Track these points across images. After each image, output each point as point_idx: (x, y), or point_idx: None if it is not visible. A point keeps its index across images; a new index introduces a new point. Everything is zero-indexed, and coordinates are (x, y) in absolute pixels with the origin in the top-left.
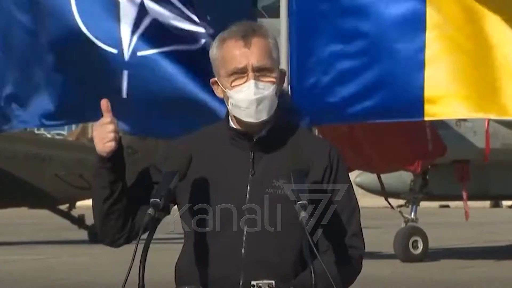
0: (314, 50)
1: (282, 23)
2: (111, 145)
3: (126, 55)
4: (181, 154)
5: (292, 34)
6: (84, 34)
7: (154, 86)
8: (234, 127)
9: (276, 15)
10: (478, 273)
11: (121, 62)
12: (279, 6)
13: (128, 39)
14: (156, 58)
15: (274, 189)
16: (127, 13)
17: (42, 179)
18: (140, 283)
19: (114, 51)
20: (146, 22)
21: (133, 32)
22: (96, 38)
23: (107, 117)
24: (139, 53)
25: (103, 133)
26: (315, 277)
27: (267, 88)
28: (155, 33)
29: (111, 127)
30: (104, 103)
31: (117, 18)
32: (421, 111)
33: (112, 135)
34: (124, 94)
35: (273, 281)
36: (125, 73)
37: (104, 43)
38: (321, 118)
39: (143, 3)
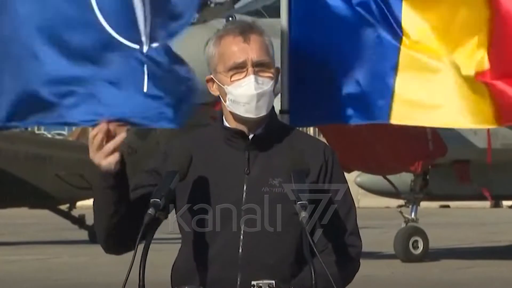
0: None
1: (282, 23)
2: (115, 156)
3: (145, 49)
4: (181, 154)
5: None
6: (107, 32)
7: (169, 74)
8: (229, 126)
9: (276, 15)
10: (478, 273)
11: (141, 58)
12: (279, 6)
13: (144, 31)
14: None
15: (270, 188)
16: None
17: (42, 179)
18: (140, 283)
19: (136, 46)
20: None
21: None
22: (118, 33)
23: (100, 129)
24: (154, 45)
25: (99, 147)
26: (315, 277)
27: (266, 84)
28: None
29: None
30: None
31: (132, 11)
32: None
33: (111, 146)
34: (145, 88)
35: (274, 281)
36: (145, 67)
37: (127, 39)
38: (318, 118)
39: None
